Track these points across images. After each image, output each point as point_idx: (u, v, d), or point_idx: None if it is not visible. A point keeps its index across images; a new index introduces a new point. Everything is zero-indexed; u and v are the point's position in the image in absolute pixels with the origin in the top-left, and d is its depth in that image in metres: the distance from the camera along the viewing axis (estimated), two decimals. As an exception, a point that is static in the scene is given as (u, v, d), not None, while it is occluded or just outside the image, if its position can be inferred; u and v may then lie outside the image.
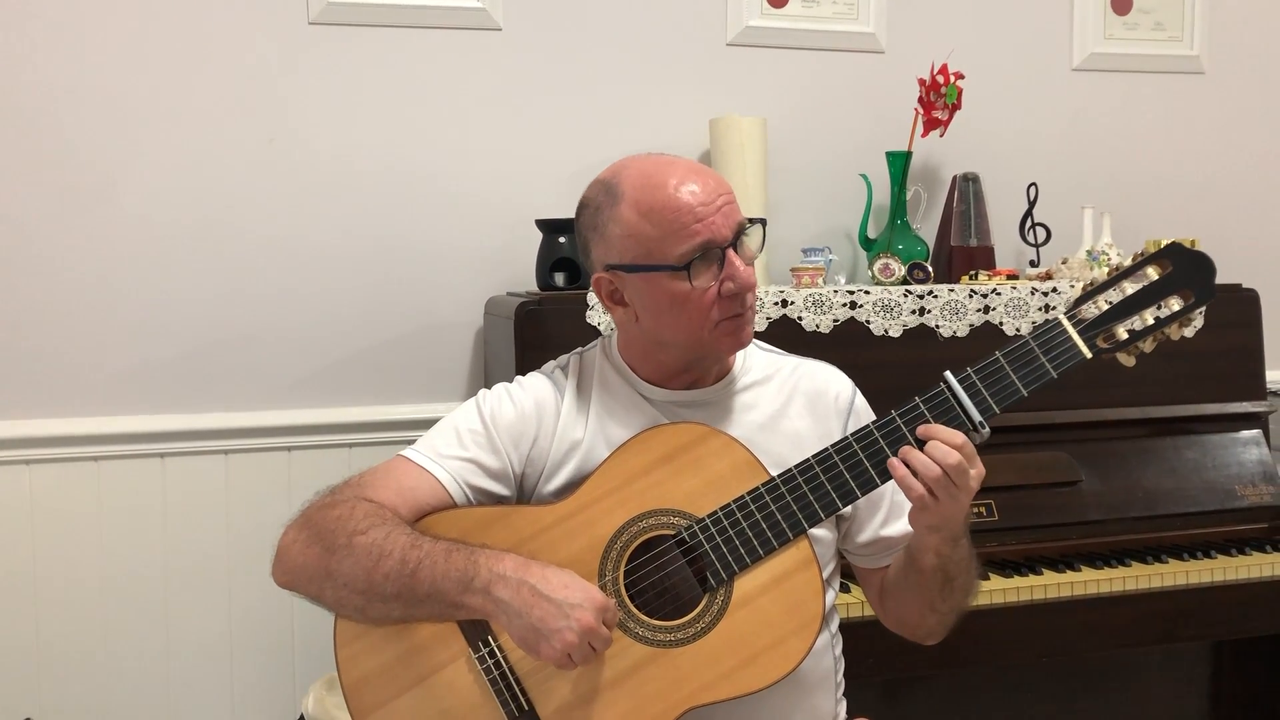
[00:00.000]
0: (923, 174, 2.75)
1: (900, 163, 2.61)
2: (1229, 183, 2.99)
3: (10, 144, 2.29)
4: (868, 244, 2.64)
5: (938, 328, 2.37)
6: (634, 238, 1.48)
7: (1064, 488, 2.34)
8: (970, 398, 1.42)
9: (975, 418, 1.41)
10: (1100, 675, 2.54)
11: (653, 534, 1.46)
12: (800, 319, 2.30)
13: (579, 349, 1.66)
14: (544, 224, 2.38)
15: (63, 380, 2.34)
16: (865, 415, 1.62)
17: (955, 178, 2.68)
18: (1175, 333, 1.44)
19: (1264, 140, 3.02)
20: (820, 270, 2.41)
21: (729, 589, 1.44)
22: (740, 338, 1.52)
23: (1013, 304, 2.41)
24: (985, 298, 2.40)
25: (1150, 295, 1.42)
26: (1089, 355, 1.42)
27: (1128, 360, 1.44)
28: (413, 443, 1.57)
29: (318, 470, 2.32)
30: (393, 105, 2.47)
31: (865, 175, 2.65)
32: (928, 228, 2.72)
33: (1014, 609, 2.15)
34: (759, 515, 1.44)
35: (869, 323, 2.34)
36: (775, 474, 1.47)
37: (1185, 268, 1.42)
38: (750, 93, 2.65)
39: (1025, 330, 2.40)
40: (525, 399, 1.58)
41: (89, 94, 2.32)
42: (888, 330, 2.35)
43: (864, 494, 1.45)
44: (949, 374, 1.43)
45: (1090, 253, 2.60)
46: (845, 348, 2.23)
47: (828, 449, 1.45)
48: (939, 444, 1.38)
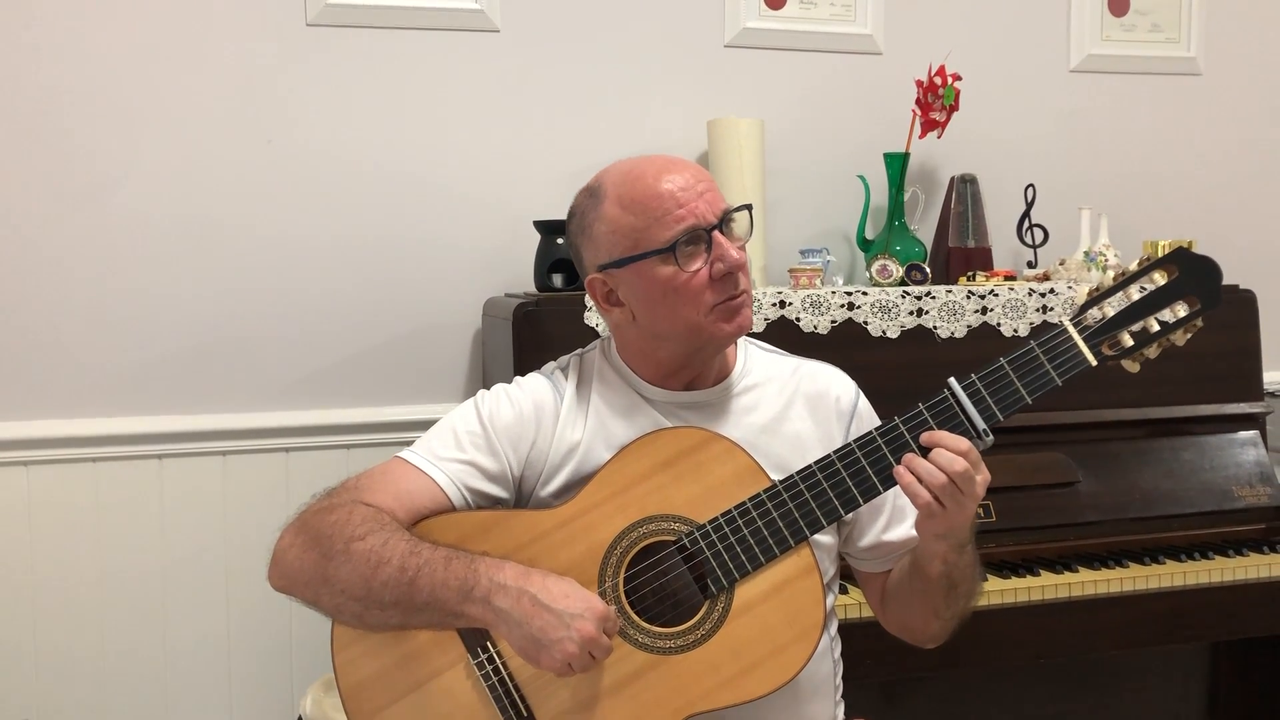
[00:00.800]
0: (920, 175, 2.75)
1: (898, 164, 2.61)
2: (1226, 184, 3.00)
3: (8, 144, 2.28)
4: (865, 245, 2.64)
5: (935, 329, 2.37)
6: (619, 232, 1.49)
7: (1061, 489, 2.34)
8: (975, 405, 1.42)
9: (979, 425, 1.41)
10: (1097, 676, 2.54)
11: (653, 540, 1.46)
12: (798, 320, 2.30)
13: (579, 350, 1.66)
14: (542, 225, 2.38)
15: (60, 381, 2.33)
16: (868, 417, 1.62)
17: (953, 179, 2.68)
18: (1180, 339, 1.43)
19: (1261, 141, 3.02)
20: (818, 271, 2.40)
21: (730, 596, 1.44)
22: (738, 321, 1.50)
23: (1010, 305, 2.41)
24: (983, 299, 2.40)
25: (1156, 301, 1.41)
26: (1094, 362, 1.41)
27: (1132, 367, 1.44)
28: (410, 444, 1.57)
29: (315, 471, 2.32)
30: (391, 107, 2.47)
31: (863, 176, 2.65)
32: (925, 229, 2.72)
33: (1011, 610, 2.15)
34: (760, 522, 1.44)
35: (867, 324, 2.34)
36: (777, 479, 1.46)
37: (1192, 273, 1.41)
38: (748, 94, 2.65)
39: (1023, 331, 2.40)
40: (524, 400, 1.57)
41: (88, 95, 2.31)
42: (885, 331, 2.35)
43: (866, 501, 1.45)
44: (953, 380, 1.43)
45: (1088, 254, 2.60)
46: (843, 349, 2.23)
47: (830, 455, 1.45)
48: (944, 451, 1.38)
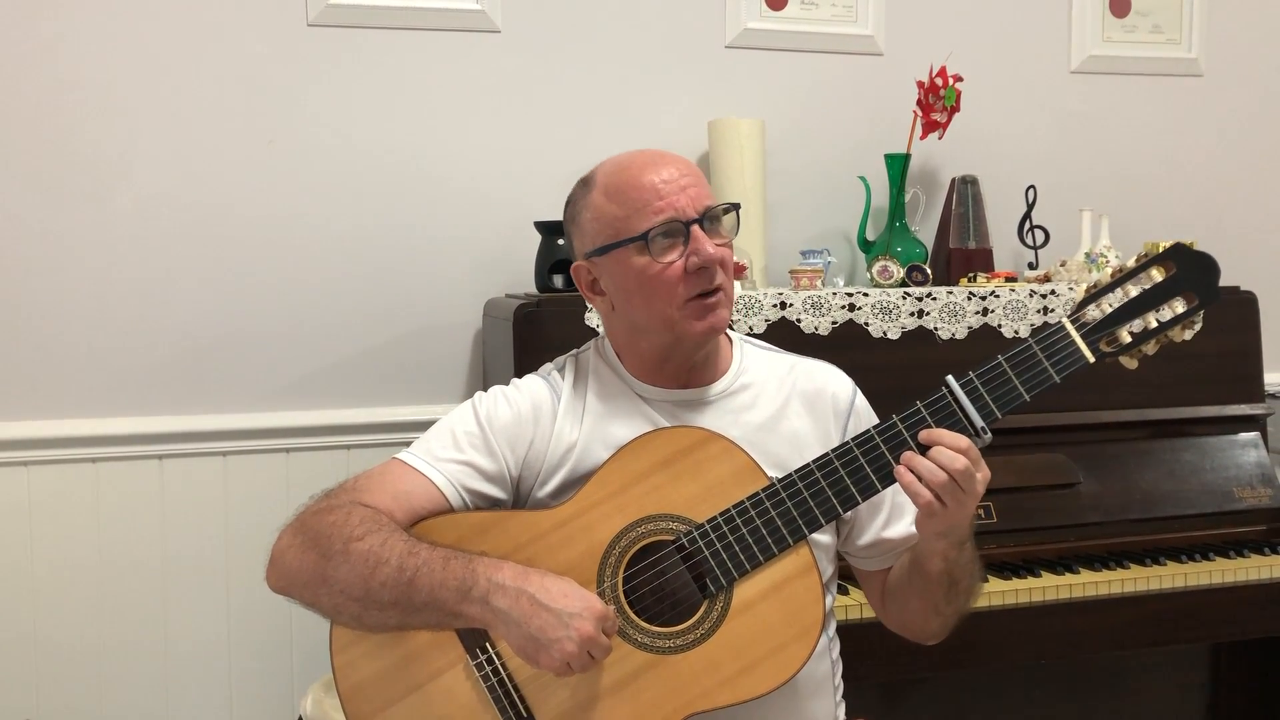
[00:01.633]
0: (921, 176, 2.75)
1: (899, 165, 2.61)
2: (1227, 185, 2.99)
3: (9, 144, 2.28)
4: (866, 246, 2.64)
5: (936, 330, 2.37)
6: (602, 220, 1.51)
7: (1062, 490, 2.34)
8: (972, 402, 1.41)
9: (977, 422, 1.41)
10: (1098, 677, 2.54)
11: (651, 539, 1.46)
12: (799, 321, 2.30)
13: (574, 350, 1.66)
14: (543, 226, 2.38)
15: (61, 381, 2.33)
16: (866, 415, 1.62)
17: (954, 180, 2.68)
18: (1178, 335, 1.43)
19: (1262, 142, 3.02)
20: (819, 272, 2.40)
21: (728, 595, 1.44)
22: (711, 320, 1.50)
23: (1011, 306, 2.41)
24: (984, 300, 2.40)
25: (1154, 298, 1.41)
26: (1092, 359, 1.41)
27: (1130, 363, 1.43)
28: (409, 445, 1.57)
29: (316, 472, 2.32)
30: (391, 107, 2.47)
31: (864, 177, 2.65)
32: (926, 230, 2.71)
33: (1012, 611, 2.14)
34: (759, 521, 1.44)
35: (867, 325, 2.34)
36: (775, 477, 1.46)
37: (1189, 269, 1.41)
38: (749, 95, 2.65)
39: (1024, 332, 2.40)
40: (522, 401, 1.57)
41: (88, 95, 2.31)
42: (886, 332, 2.34)
43: (865, 499, 1.45)
44: (951, 378, 1.43)
45: (1089, 255, 2.60)
46: (844, 350, 2.22)
47: (828, 453, 1.45)
48: (944, 449, 1.38)
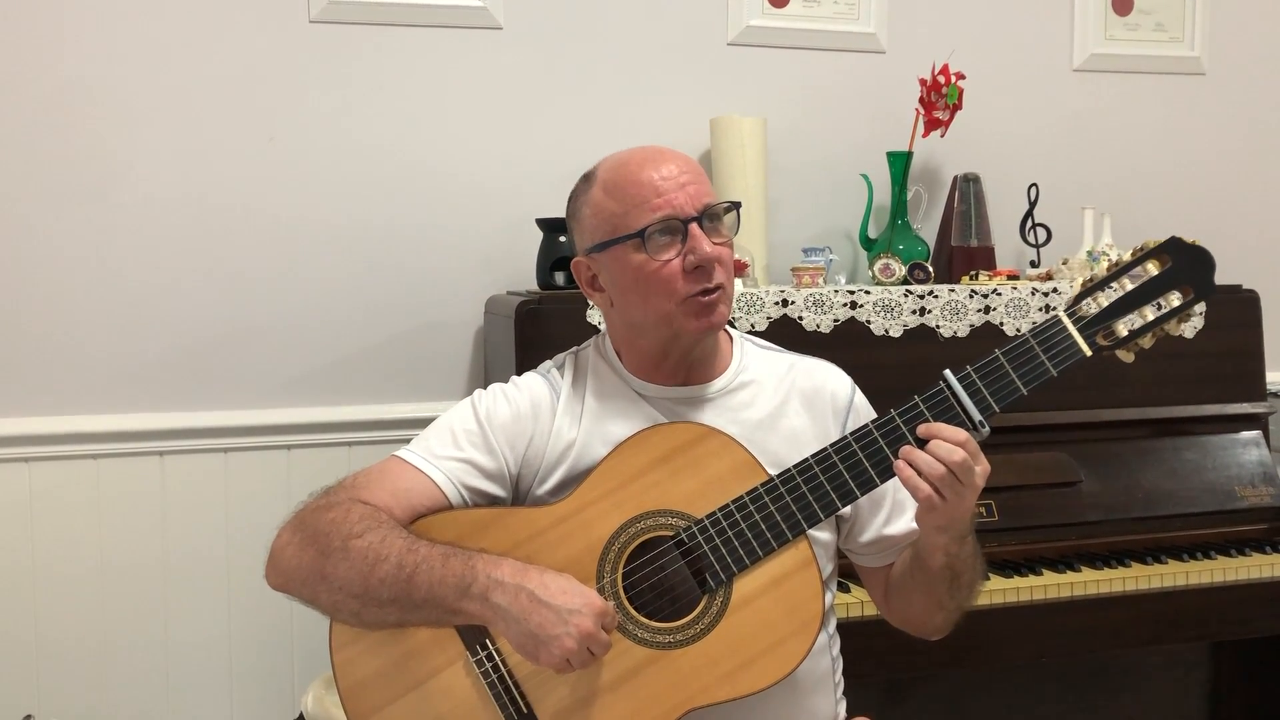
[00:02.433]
0: (923, 174, 2.75)
1: (901, 163, 2.61)
2: (1229, 183, 2.99)
3: (9, 141, 2.29)
4: (868, 244, 2.63)
5: (938, 328, 2.37)
6: (601, 216, 1.51)
7: (1064, 488, 2.34)
8: (970, 396, 1.41)
9: (975, 416, 1.41)
10: (1100, 676, 2.54)
11: (651, 535, 1.46)
12: (800, 319, 2.30)
13: (574, 348, 1.66)
14: (544, 223, 2.38)
15: (62, 378, 2.34)
16: (865, 413, 1.61)
17: (956, 178, 2.67)
18: (1175, 329, 1.43)
19: (1264, 141, 3.01)
20: (820, 270, 2.40)
21: (728, 590, 1.44)
22: (709, 319, 1.50)
23: (1013, 304, 2.41)
24: (986, 298, 2.39)
25: (1150, 291, 1.41)
26: (1089, 353, 1.41)
27: (1127, 357, 1.43)
28: (409, 442, 1.57)
29: (317, 469, 2.32)
30: (393, 104, 2.47)
31: (866, 175, 2.64)
32: (928, 228, 2.71)
33: (1014, 609, 2.15)
34: (758, 516, 1.44)
35: (869, 323, 2.33)
36: (774, 474, 1.46)
37: (1185, 262, 1.41)
38: (751, 92, 2.65)
39: (1026, 330, 2.39)
40: (521, 399, 1.57)
41: (89, 91, 2.31)
42: (888, 330, 2.34)
43: (863, 494, 1.45)
44: (948, 372, 1.43)
45: (1091, 253, 2.60)
46: (845, 348, 2.23)
47: (827, 449, 1.45)
48: (942, 443, 1.38)
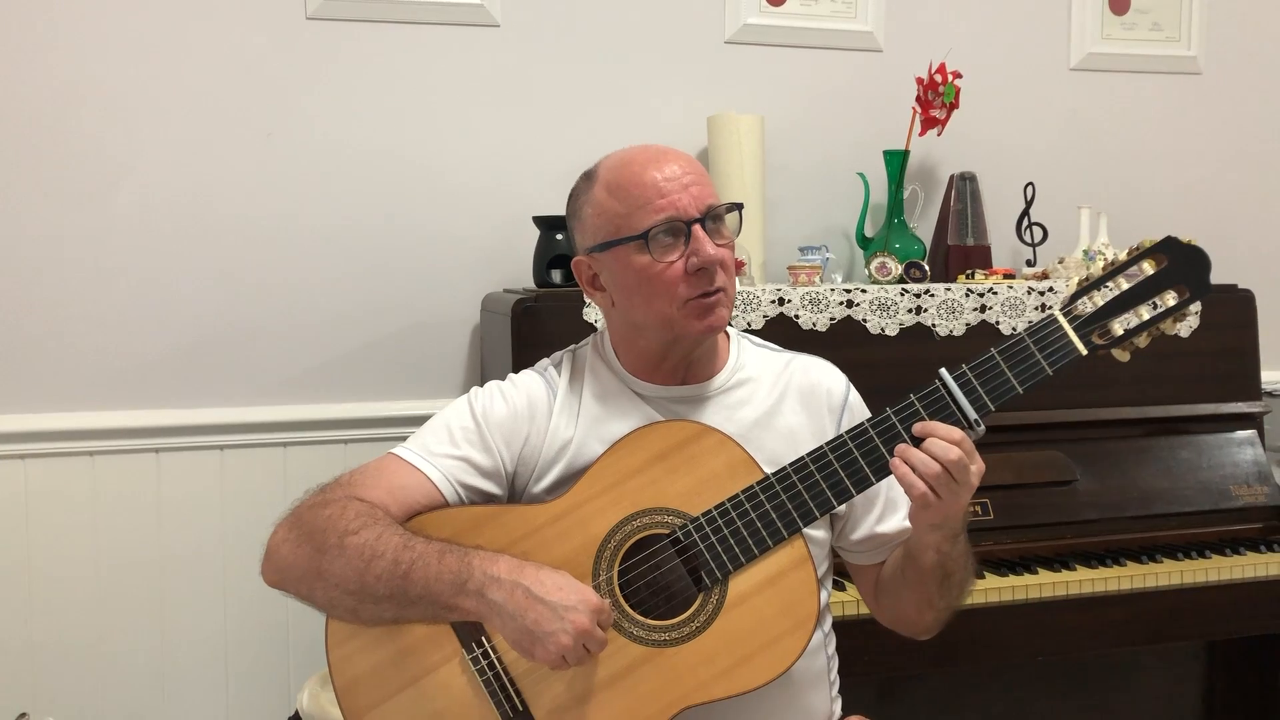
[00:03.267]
0: (920, 173, 2.75)
1: (897, 162, 2.61)
2: (1225, 183, 2.99)
3: (5, 138, 2.28)
4: (865, 243, 2.64)
5: (934, 327, 2.37)
6: (603, 216, 1.51)
7: (1059, 487, 2.34)
8: (966, 395, 1.42)
9: (971, 415, 1.41)
10: (1094, 674, 2.54)
11: (647, 533, 1.46)
12: (797, 317, 2.30)
13: (572, 346, 1.66)
14: (541, 221, 2.38)
15: (58, 375, 2.34)
16: (860, 411, 1.62)
17: (952, 177, 2.68)
18: (1170, 328, 1.43)
19: (1260, 141, 3.02)
20: (817, 269, 2.40)
21: (724, 588, 1.44)
22: (710, 320, 1.50)
23: (1009, 303, 2.41)
24: (982, 297, 2.40)
25: (1145, 290, 1.42)
26: (1085, 352, 1.41)
27: (1122, 356, 1.44)
28: (405, 440, 1.57)
29: (313, 466, 2.32)
30: (390, 101, 2.47)
31: (862, 174, 2.65)
32: (925, 227, 2.71)
33: (1009, 608, 2.15)
34: (754, 514, 1.44)
35: (865, 321, 2.34)
36: (770, 472, 1.46)
37: (1180, 262, 1.42)
38: (748, 90, 2.65)
39: (1022, 329, 2.40)
40: (518, 397, 1.57)
41: (85, 88, 2.31)
42: (884, 329, 2.35)
43: (859, 492, 1.45)
44: (944, 371, 1.43)
45: (1087, 252, 2.60)
46: (842, 346, 2.23)
47: (822, 447, 1.45)
48: (938, 441, 1.38)
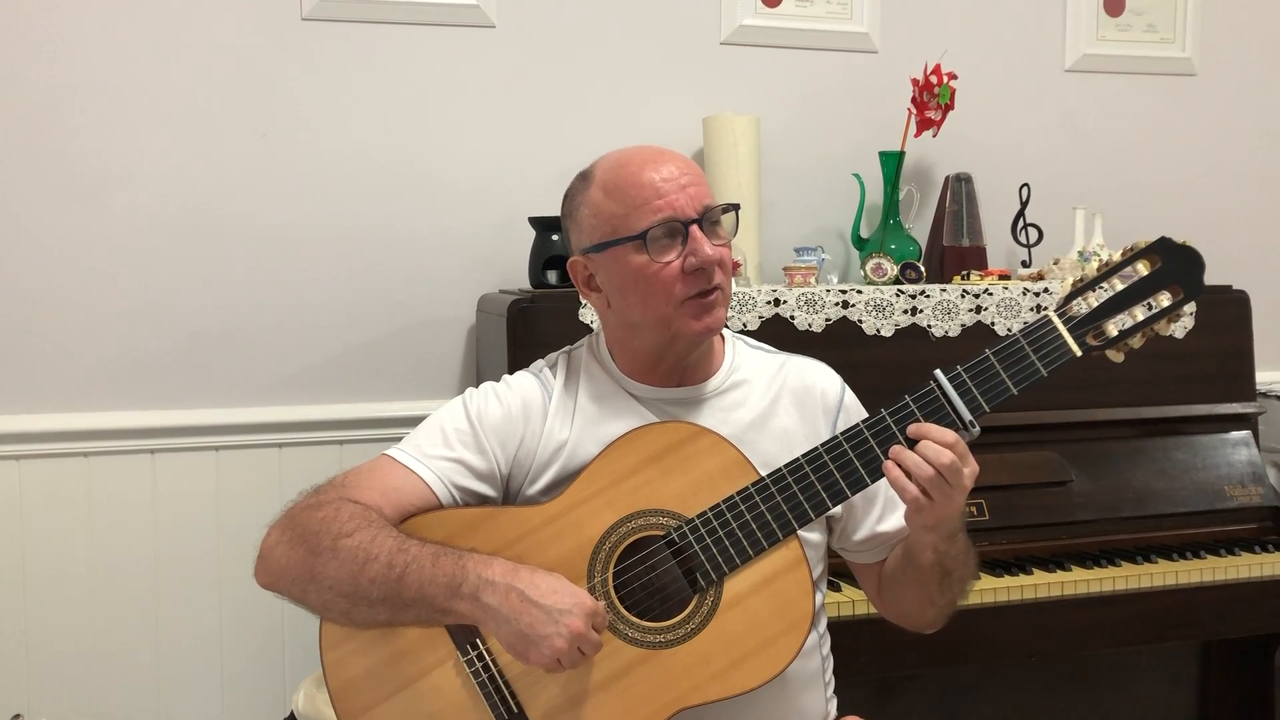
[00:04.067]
0: (915, 174, 2.75)
1: (893, 162, 2.61)
2: (1220, 184, 3.00)
3: (1, 139, 2.28)
4: (860, 243, 2.64)
5: (930, 327, 2.37)
6: (600, 216, 1.51)
7: (1054, 487, 2.35)
8: (960, 396, 1.42)
9: (965, 416, 1.41)
10: (1090, 675, 2.55)
11: (642, 535, 1.46)
12: (793, 318, 2.30)
13: (567, 347, 1.66)
14: (537, 221, 2.38)
15: (53, 375, 2.33)
16: (855, 412, 1.62)
17: (948, 178, 2.68)
18: (1165, 328, 1.44)
19: (1255, 142, 3.02)
20: (813, 270, 2.41)
21: (719, 589, 1.44)
22: (708, 321, 1.49)
23: (1004, 304, 2.41)
24: (977, 298, 2.40)
25: (1139, 291, 1.42)
26: (1079, 353, 1.42)
27: (1117, 357, 1.44)
28: (400, 441, 1.57)
29: (309, 467, 2.31)
30: (385, 102, 2.47)
31: (858, 175, 2.65)
32: (920, 228, 2.71)
33: (1004, 608, 2.15)
34: (749, 515, 1.44)
35: (861, 322, 2.34)
36: (765, 473, 1.46)
37: (1174, 263, 1.42)
38: (744, 91, 2.65)
39: (1017, 330, 2.40)
40: (512, 399, 1.57)
41: (81, 89, 2.31)
42: (880, 330, 2.35)
43: (854, 493, 1.45)
44: (939, 372, 1.43)
45: (1082, 253, 2.60)
46: (837, 347, 2.23)
47: (817, 448, 1.45)
48: (931, 444, 1.38)
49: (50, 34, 2.29)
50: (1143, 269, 1.43)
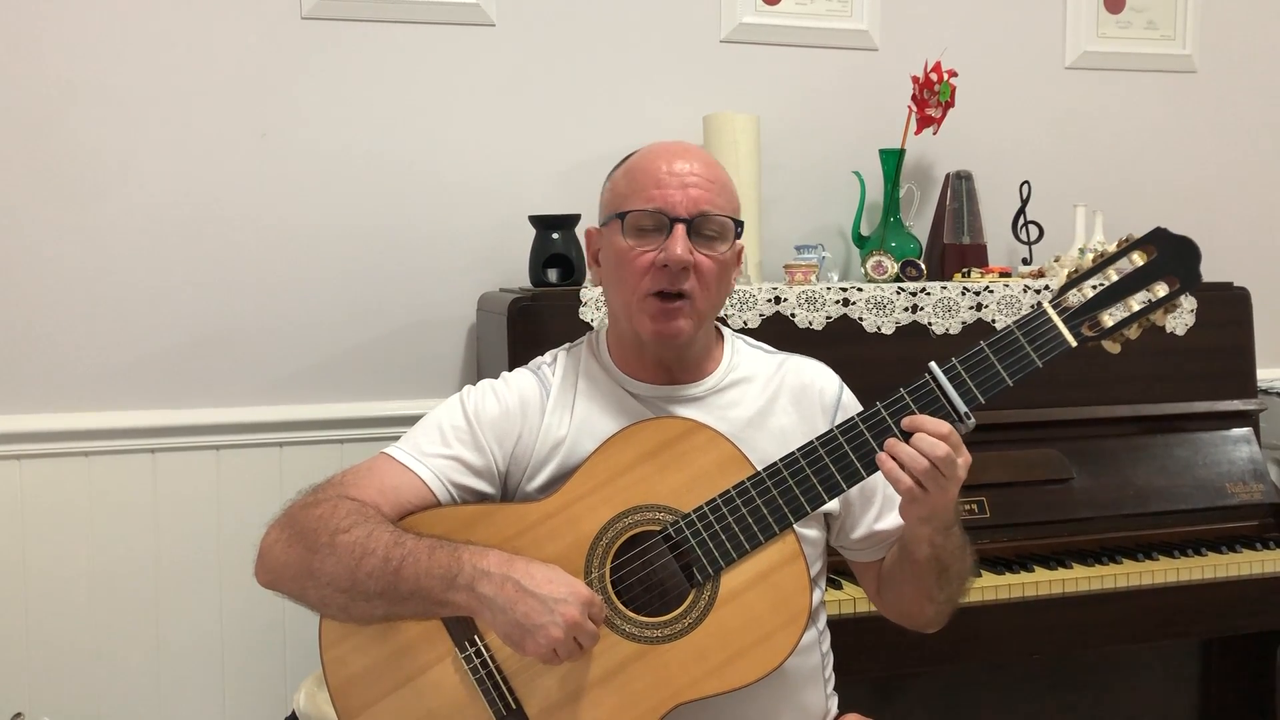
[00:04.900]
0: (916, 171, 2.75)
1: (893, 160, 2.61)
2: (1221, 181, 3.00)
3: (1, 138, 2.28)
4: (861, 241, 2.64)
5: (930, 325, 2.37)
6: (613, 192, 1.55)
7: (1055, 485, 2.34)
8: (955, 388, 1.41)
9: (960, 408, 1.41)
10: (1090, 672, 2.54)
11: (638, 530, 1.46)
12: (793, 316, 2.30)
13: (567, 344, 1.66)
14: (537, 220, 2.38)
15: (53, 375, 2.33)
16: (853, 411, 1.60)
17: (948, 175, 2.68)
18: (1161, 319, 1.43)
19: (1255, 139, 3.02)
20: (813, 267, 2.41)
21: (715, 584, 1.44)
22: (662, 326, 1.49)
23: (1005, 302, 2.41)
24: (978, 295, 2.40)
25: (1135, 282, 1.42)
26: (1074, 343, 1.41)
27: (1113, 348, 1.44)
28: (398, 439, 1.57)
29: (309, 466, 2.31)
30: (385, 100, 2.47)
31: (858, 173, 2.65)
32: (920, 225, 2.71)
33: (1005, 606, 2.15)
34: (745, 510, 1.44)
35: (862, 320, 2.34)
36: (761, 469, 1.46)
37: (1170, 253, 1.42)
38: (744, 89, 2.65)
39: (1010, 323, 2.40)
40: (510, 396, 1.57)
41: (81, 87, 2.31)
42: (880, 328, 2.35)
43: (850, 486, 1.45)
44: (934, 364, 1.43)
45: (1082, 250, 2.60)
46: (838, 345, 2.23)
47: (813, 442, 1.45)
48: (925, 436, 1.38)
49: (49, 33, 2.29)
50: (1138, 259, 1.42)
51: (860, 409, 1.60)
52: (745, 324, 2.27)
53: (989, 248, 2.67)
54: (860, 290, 2.34)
